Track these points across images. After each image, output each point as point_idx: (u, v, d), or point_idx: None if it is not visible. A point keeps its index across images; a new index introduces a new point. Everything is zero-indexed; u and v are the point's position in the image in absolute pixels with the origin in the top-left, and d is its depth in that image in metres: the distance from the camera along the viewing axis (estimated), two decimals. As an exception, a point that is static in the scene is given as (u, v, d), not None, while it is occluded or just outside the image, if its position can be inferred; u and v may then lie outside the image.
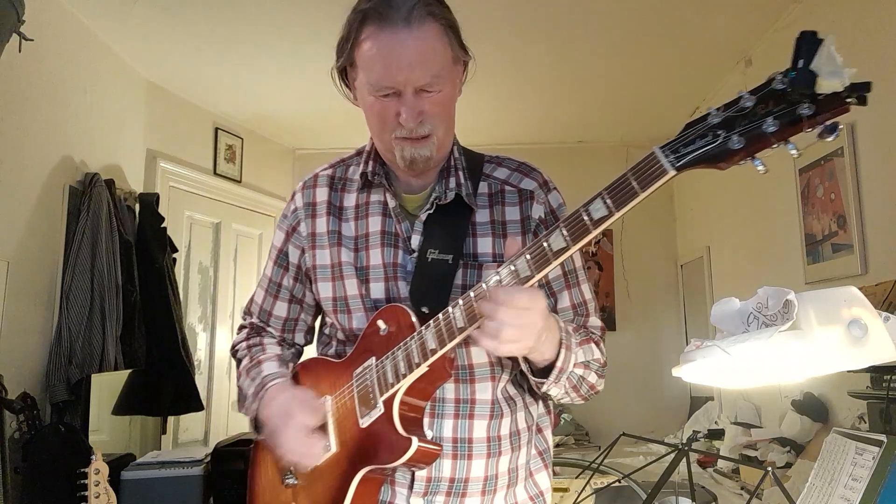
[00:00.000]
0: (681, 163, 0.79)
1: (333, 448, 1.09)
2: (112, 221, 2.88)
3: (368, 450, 1.05)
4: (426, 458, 1.03)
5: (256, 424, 1.18)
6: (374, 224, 1.16)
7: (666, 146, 0.80)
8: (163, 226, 3.30)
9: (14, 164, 2.46)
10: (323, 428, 1.11)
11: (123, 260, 2.93)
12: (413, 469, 1.07)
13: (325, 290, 1.18)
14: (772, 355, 0.88)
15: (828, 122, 0.72)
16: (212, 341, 4.04)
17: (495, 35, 3.07)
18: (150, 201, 3.28)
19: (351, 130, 4.35)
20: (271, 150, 4.65)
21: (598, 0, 2.84)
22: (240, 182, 4.31)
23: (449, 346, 0.98)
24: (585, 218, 0.86)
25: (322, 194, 1.22)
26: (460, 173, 1.16)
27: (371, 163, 1.17)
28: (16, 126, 2.47)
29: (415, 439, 0.99)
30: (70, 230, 2.75)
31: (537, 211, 1.15)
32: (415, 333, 1.02)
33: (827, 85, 0.70)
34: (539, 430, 1.20)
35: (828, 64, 0.70)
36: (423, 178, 1.18)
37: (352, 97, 1.15)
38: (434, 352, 0.98)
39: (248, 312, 1.33)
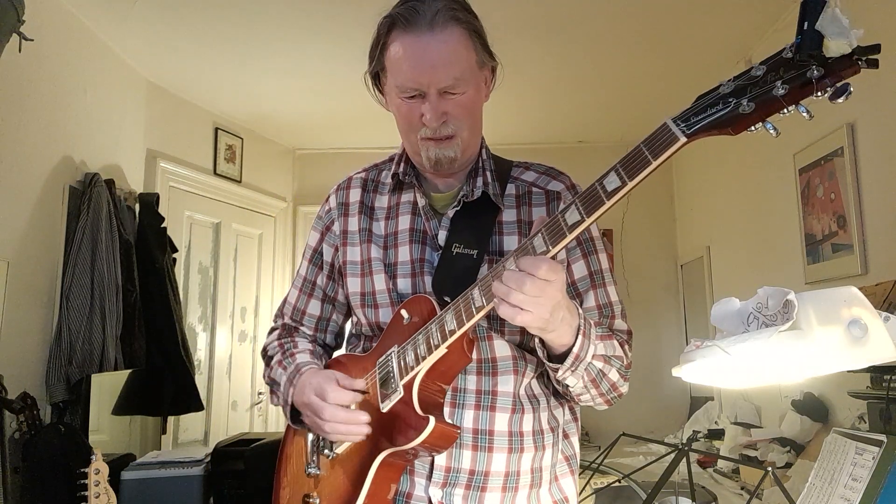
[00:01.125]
0: (692, 130, 0.79)
1: None
2: (112, 221, 2.88)
3: (388, 433, 1.06)
4: (444, 440, 1.03)
5: (292, 411, 1.18)
6: (404, 222, 1.20)
7: (677, 117, 0.81)
8: (163, 226, 3.30)
9: (14, 164, 2.46)
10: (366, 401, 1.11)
11: (123, 260, 2.93)
12: (432, 453, 1.07)
13: (353, 285, 1.22)
14: (772, 355, 0.88)
15: (838, 84, 0.71)
16: (212, 341, 4.03)
17: (495, 35, 3.04)
18: (150, 201, 3.28)
19: (351, 130, 4.40)
20: (271, 150, 4.65)
21: (598, 0, 2.84)
22: (240, 182, 4.31)
23: (467, 325, 0.99)
24: (600, 190, 0.87)
25: (355, 195, 1.27)
26: (488, 174, 1.19)
27: (402, 164, 1.22)
28: (16, 126, 2.47)
29: (432, 418, 1.00)
30: (70, 230, 2.75)
31: None
32: (435, 317, 1.03)
33: (835, 47, 0.69)
34: (566, 436, 1.20)
35: (833, 24, 0.69)
36: (450, 180, 1.21)
37: (384, 102, 1.20)
38: (453, 332, 1.00)
39: (279, 315, 1.36)
